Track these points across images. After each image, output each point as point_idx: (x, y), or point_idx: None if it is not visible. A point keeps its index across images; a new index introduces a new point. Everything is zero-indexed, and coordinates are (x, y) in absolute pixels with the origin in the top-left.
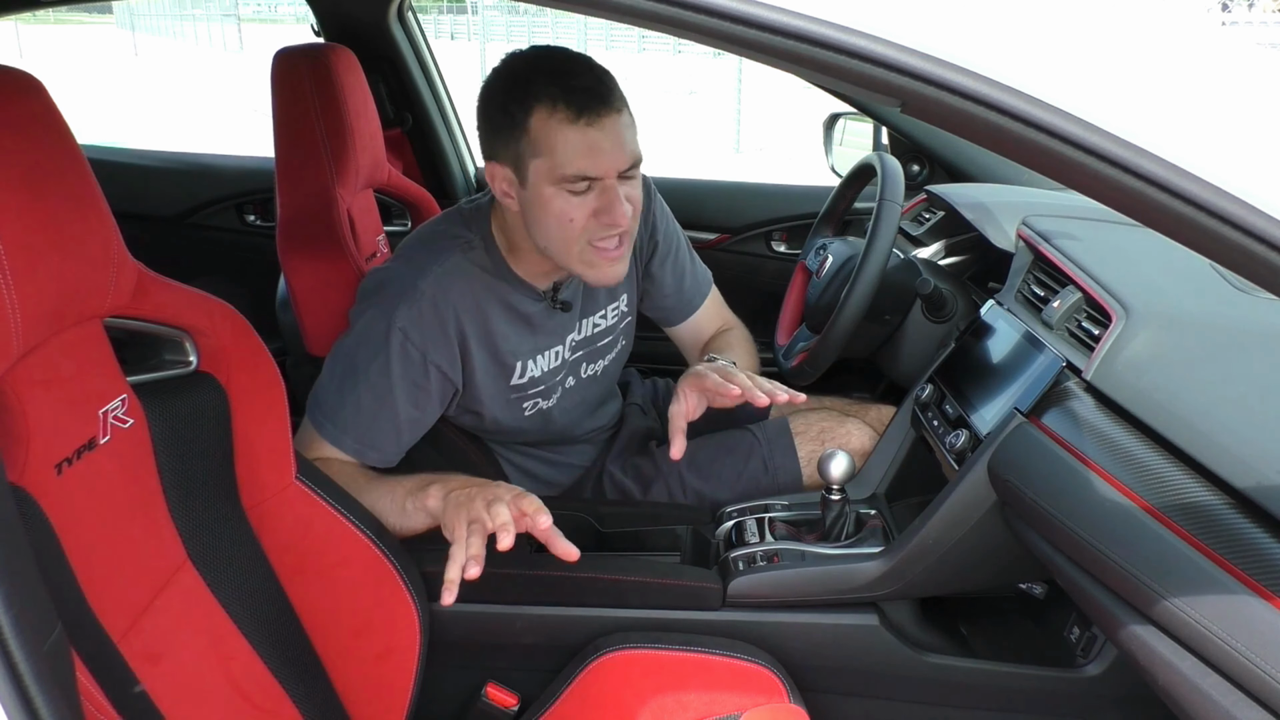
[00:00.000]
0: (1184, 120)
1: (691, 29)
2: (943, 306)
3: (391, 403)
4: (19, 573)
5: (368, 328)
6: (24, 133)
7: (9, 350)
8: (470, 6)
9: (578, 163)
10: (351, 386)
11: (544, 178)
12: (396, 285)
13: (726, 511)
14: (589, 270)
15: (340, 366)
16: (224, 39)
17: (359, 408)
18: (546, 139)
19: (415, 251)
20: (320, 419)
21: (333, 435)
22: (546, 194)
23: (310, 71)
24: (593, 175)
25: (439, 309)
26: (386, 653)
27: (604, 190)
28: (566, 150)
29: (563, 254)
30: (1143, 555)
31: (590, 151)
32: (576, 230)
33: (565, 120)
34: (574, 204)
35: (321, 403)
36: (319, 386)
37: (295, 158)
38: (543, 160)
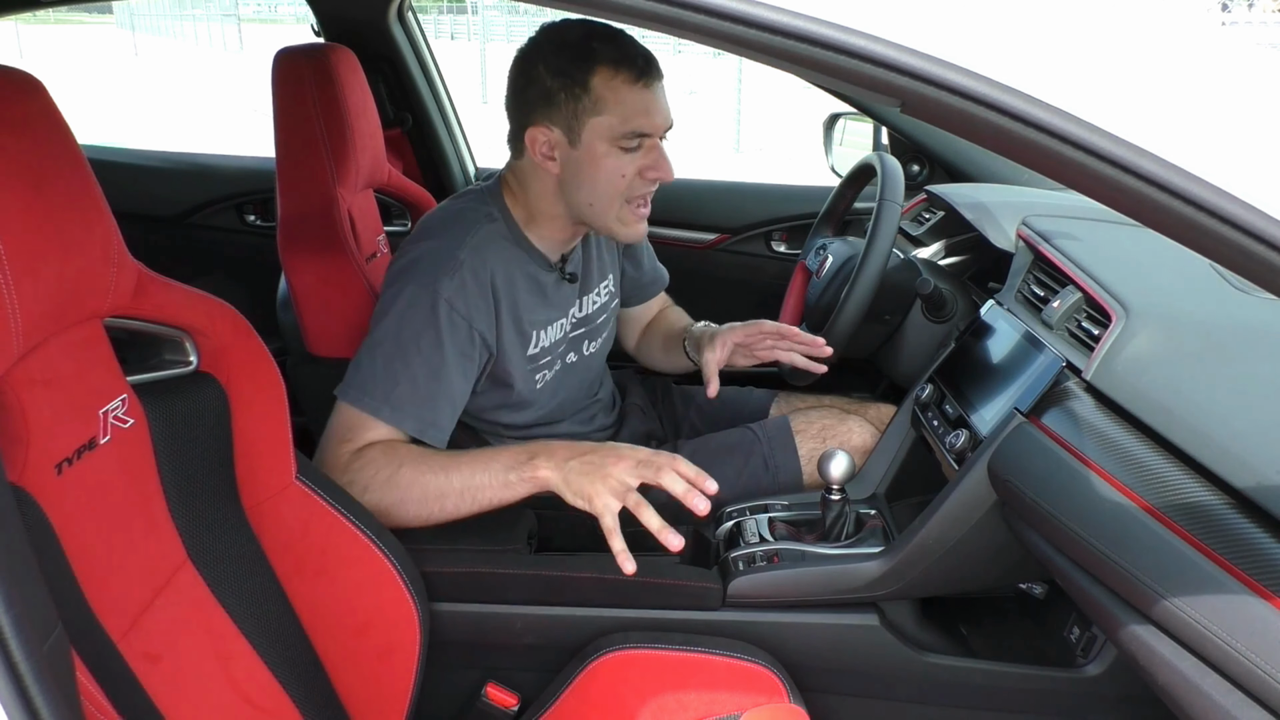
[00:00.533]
0: (1184, 120)
1: (691, 29)
2: (943, 306)
3: (447, 376)
4: (19, 573)
5: (412, 304)
6: (24, 133)
7: (9, 350)
8: (470, 6)
9: (638, 120)
10: (404, 364)
11: (601, 135)
12: (433, 259)
13: (726, 511)
14: (622, 228)
15: (386, 348)
16: (224, 39)
17: (415, 384)
18: (610, 97)
19: (443, 227)
20: (375, 403)
21: (391, 416)
22: (600, 150)
23: (310, 71)
24: (647, 132)
25: (479, 276)
26: (386, 653)
27: (651, 148)
28: (629, 108)
29: (604, 210)
30: (1143, 555)
31: (649, 111)
32: (623, 185)
33: (628, 80)
34: (625, 160)
35: (370, 386)
36: (362, 372)
37: (295, 158)
38: (604, 118)
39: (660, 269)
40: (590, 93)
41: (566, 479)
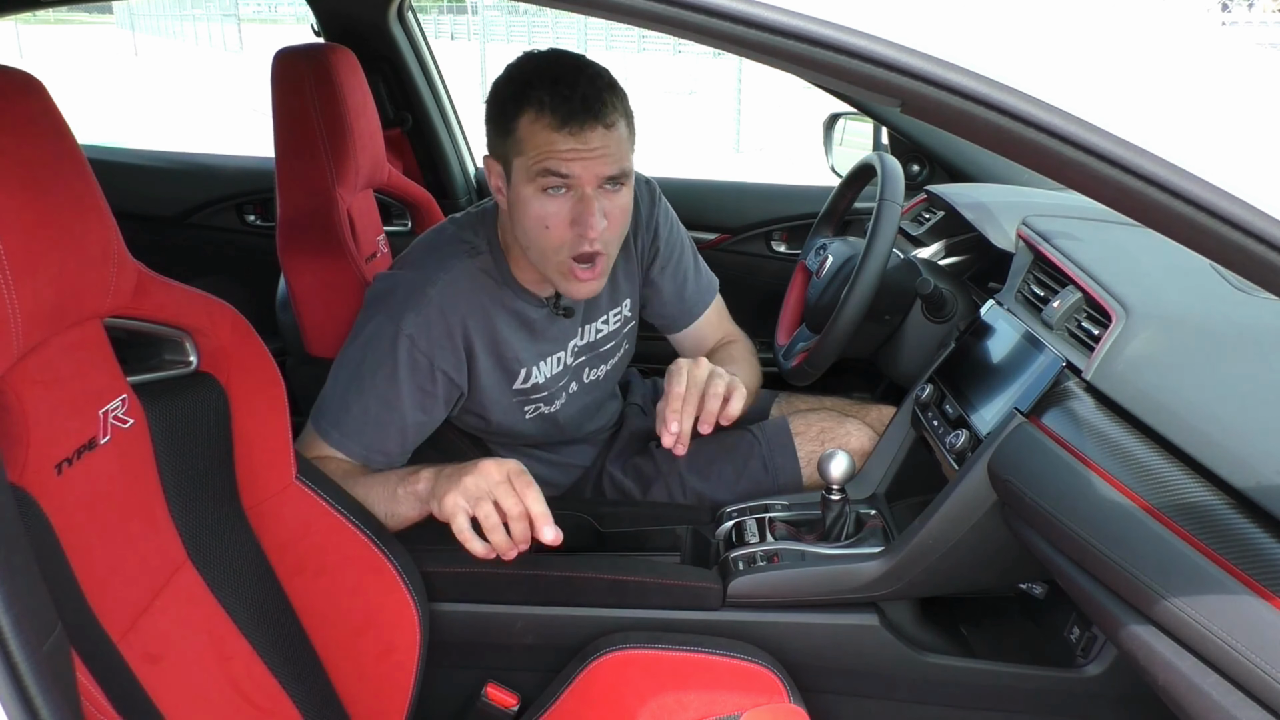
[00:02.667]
0: (1184, 120)
1: (691, 29)
2: (943, 306)
3: (399, 408)
4: (19, 573)
5: (375, 334)
6: (24, 133)
7: (9, 350)
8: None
9: (549, 160)
10: (358, 393)
11: (523, 175)
12: (403, 292)
13: (726, 511)
14: (563, 283)
15: (346, 373)
16: (224, 39)
17: (365, 414)
18: (529, 139)
19: (422, 258)
20: (325, 425)
21: (338, 441)
22: (525, 194)
23: (310, 71)
24: (563, 174)
25: (446, 316)
26: (386, 653)
27: (580, 198)
28: (542, 150)
29: (541, 262)
30: (1143, 555)
31: (567, 156)
32: (554, 240)
33: (548, 127)
34: (550, 209)
35: (326, 409)
36: (324, 393)
37: (295, 158)
38: (523, 158)
39: (697, 296)
40: (515, 133)
41: (434, 488)
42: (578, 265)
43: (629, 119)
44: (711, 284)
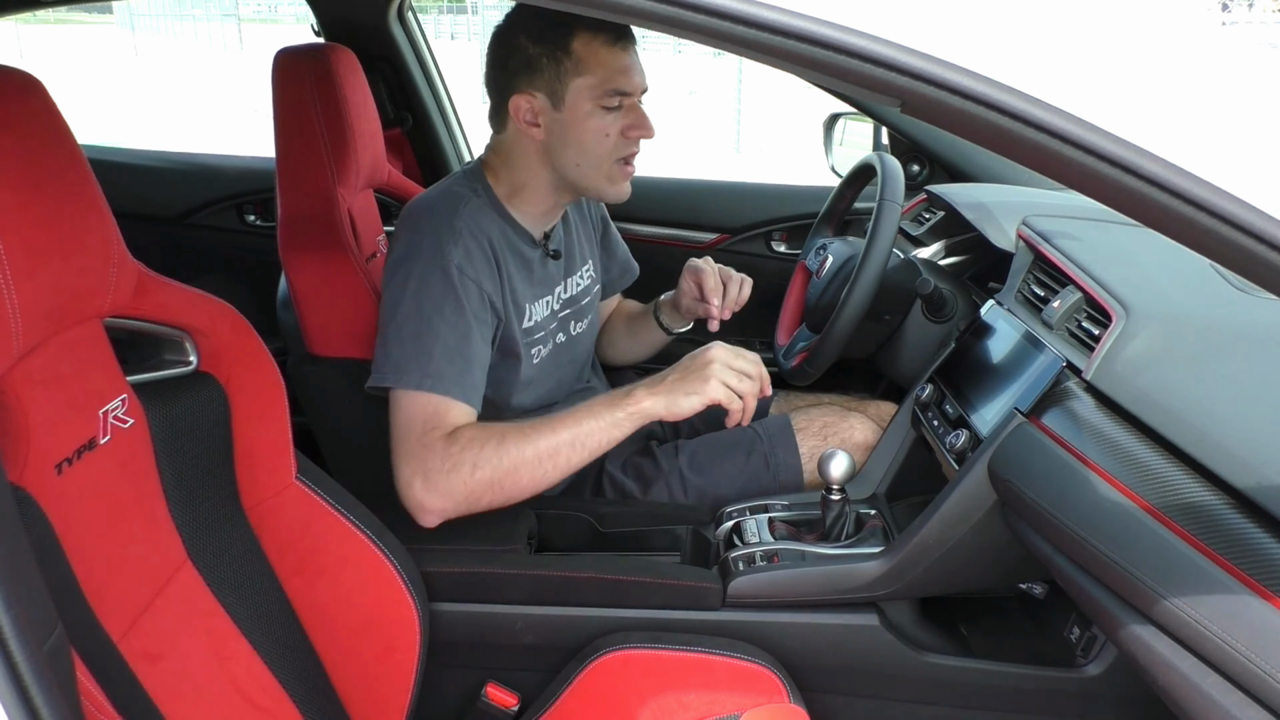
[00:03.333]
0: (1184, 120)
1: (691, 29)
2: (943, 306)
3: (472, 338)
4: (19, 573)
5: (424, 279)
6: (24, 133)
7: (9, 350)
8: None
9: (618, 79)
10: (433, 336)
11: (584, 95)
12: (431, 235)
13: (726, 511)
14: (610, 186)
15: (410, 324)
16: (224, 39)
17: (448, 352)
18: (591, 58)
19: (430, 208)
20: (417, 378)
21: (434, 386)
22: (584, 110)
23: (311, 71)
24: (627, 91)
25: (479, 240)
26: (386, 653)
27: (632, 107)
28: (609, 68)
29: (593, 170)
30: (1143, 555)
31: (627, 70)
32: (609, 145)
33: (606, 42)
34: (608, 120)
35: (408, 365)
36: (392, 356)
37: (296, 157)
38: (586, 79)
39: (632, 264)
40: (572, 55)
41: (670, 398)
42: (625, 166)
43: None
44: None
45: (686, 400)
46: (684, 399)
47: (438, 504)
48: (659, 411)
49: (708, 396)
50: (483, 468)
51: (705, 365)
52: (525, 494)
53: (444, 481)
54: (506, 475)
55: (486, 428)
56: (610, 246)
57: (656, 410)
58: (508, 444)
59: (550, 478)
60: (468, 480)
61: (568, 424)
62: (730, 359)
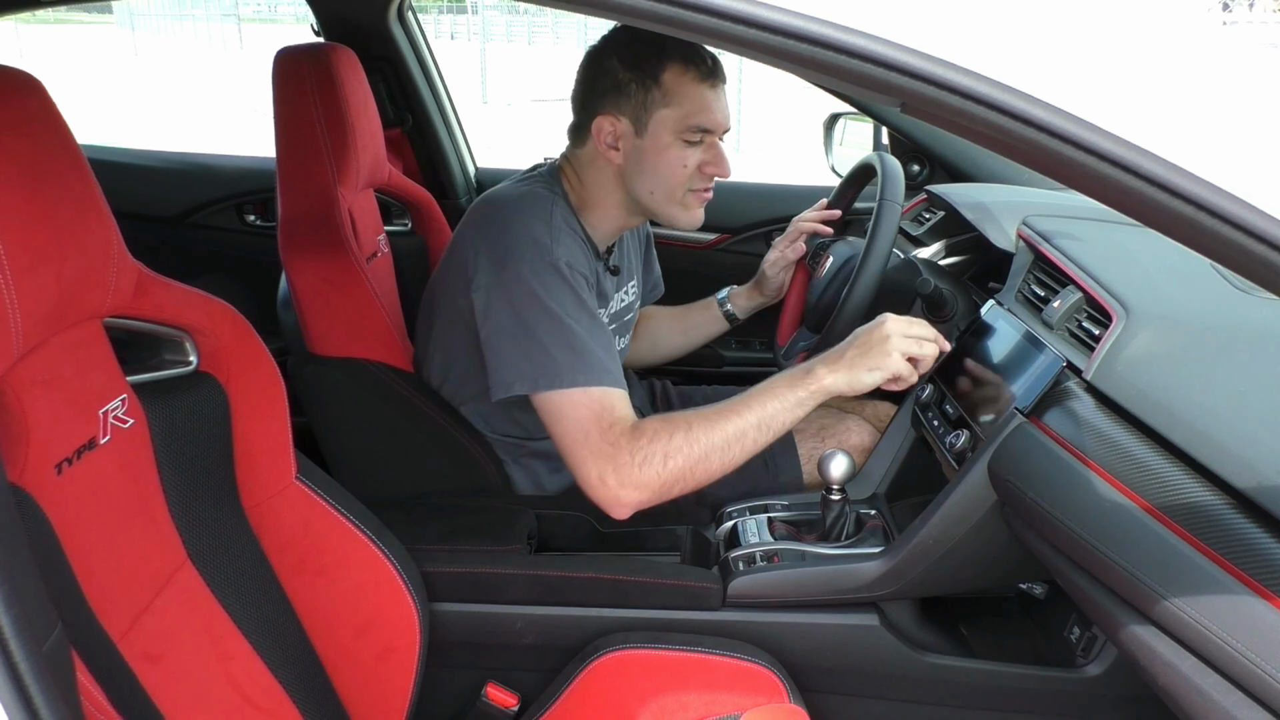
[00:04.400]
0: (1184, 120)
1: (691, 29)
2: (943, 306)
3: (602, 327)
4: (19, 573)
5: (536, 281)
6: (24, 133)
7: (9, 350)
8: (470, 6)
9: (703, 115)
10: (571, 334)
11: (668, 127)
12: (526, 236)
13: (726, 511)
14: (683, 213)
15: (542, 331)
16: (224, 39)
17: (591, 345)
18: (680, 91)
19: (516, 207)
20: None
21: (603, 378)
22: (665, 141)
23: (311, 71)
24: (709, 129)
25: (573, 233)
26: (386, 653)
27: (711, 145)
28: (695, 104)
29: (667, 197)
30: (1143, 555)
31: (713, 109)
32: (685, 176)
33: (697, 78)
34: (687, 153)
35: (554, 368)
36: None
37: (296, 157)
38: (671, 110)
39: (660, 281)
40: (661, 85)
41: (851, 374)
42: (698, 194)
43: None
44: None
45: (869, 375)
46: (866, 374)
47: (633, 497)
48: (841, 388)
49: (889, 370)
50: (674, 457)
51: (884, 340)
52: (714, 479)
53: (637, 474)
54: (698, 463)
55: (670, 419)
56: (650, 263)
57: (839, 387)
58: (695, 432)
59: (738, 461)
60: (660, 471)
61: (752, 407)
62: (906, 328)
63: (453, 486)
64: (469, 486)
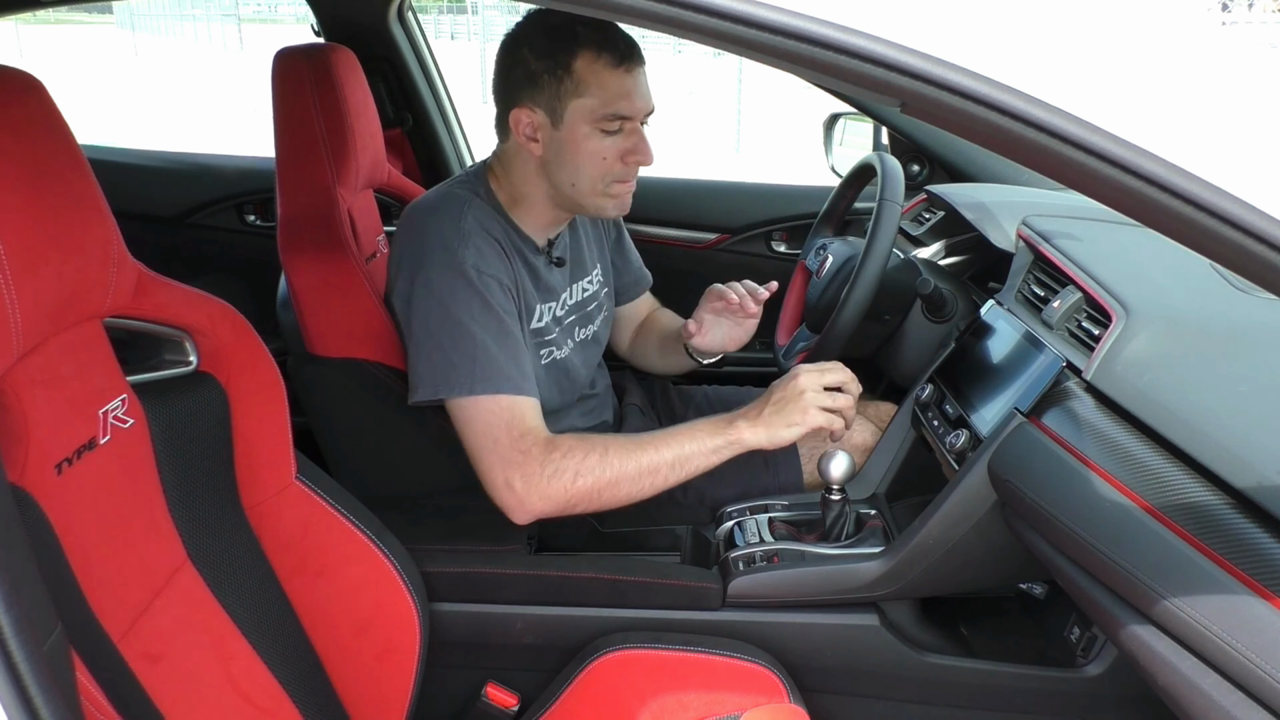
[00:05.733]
0: (1184, 120)
1: (691, 29)
2: (943, 306)
3: (509, 331)
4: (19, 573)
5: (445, 284)
6: (24, 133)
7: (9, 350)
8: (470, 6)
9: (618, 103)
10: (473, 341)
11: (583, 117)
12: (438, 240)
13: (726, 511)
14: (608, 203)
15: (446, 332)
16: (224, 39)
17: (490, 351)
18: (592, 80)
19: (432, 210)
20: (479, 385)
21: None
22: (581, 132)
23: (310, 71)
24: (628, 115)
25: (488, 237)
26: (386, 653)
27: (632, 131)
28: (609, 93)
29: (589, 190)
30: (1143, 555)
31: (629, 94)
32: (605, 168)
33: (610, 64)
34: (606, 143)
35: (459, 375)
36: (436, 367)
37: (295, 158)
38: (585, 100)
39: (645, 271)
40: (573, 75)
41: (770, 431)
42: (621, 184)
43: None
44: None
45: (787, 431)
46: (784, 430)
47: (537, 506)
48: (760, 443)
49: (807, 425)
50: (585, 477)
51: (799, 395)
52: (621, 504)
53: (544, 486)
54: (606, 487)
55: (589, 439)
56: (624, 253)
57: (758, 442)
58: (611, 457)
59: (646, 493)
60: (568, 487)
61: (671, 444)
62: (818, 381)
63: (453, 486)
64: (469, 486)
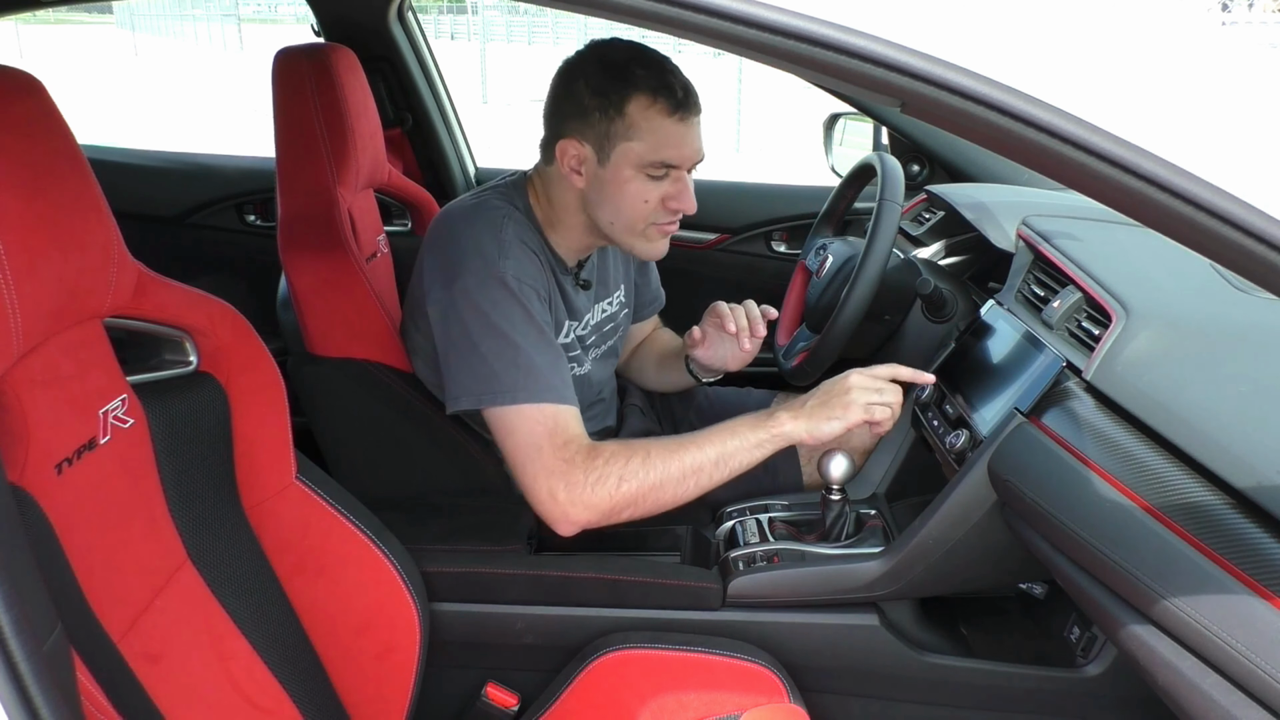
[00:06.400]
0: (1184, 120)
1: (691, 29)
2: (943, 306)
3: (548, 339)
4: (19, 573)
5: (482, 295)
6: (24, 133)
7: (9, 350)
8: (470, 6)
9: (666, 151)
10: (516, 349)
11: (629, 160)
12: (476, 250)
13: (726, 511)
14: (646, 245)
15: (488, 345)
16: (224, 39)
17: (539, 361)
18: (644, 124)
19: (469, 220)
20: (526, 394)
21: (548, 394)
22: (626, 175)
23: (310, 71)
24: (675, 164)
25: (527, 247)
26: (386, 653)
27: (678, 179)
28: (659, 139)
29: (627, 229)
30: (1143, 555)
31: (680, 144)
32: (648, 210)
33: (663, 112)
34: (650, 187)
35: (505, 384)
36: (482, 377)
37: (296, 158)
38: (634, 144)
39: (661, 292)
40: (625, 117)
41: (812, 423)
42: (661, 227)
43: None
44: (660, 288)
45: (829, 425)
46: (826, 424)
47: (582, 516)
48: (800, 435)
49: (849, 420)
50: (629, 481)
51: (846, 392)
52: (665, 509)
53: (589, 495)
54: (651, 490)
55: (630, 444)
56: (646, 273)
57: (798, 434)
58: (653, 459)
59: (691, 494)
60: (613, 494)
61: (713, 442)
62: (869, 381)
63: (453, 486)
64: (469, 486)
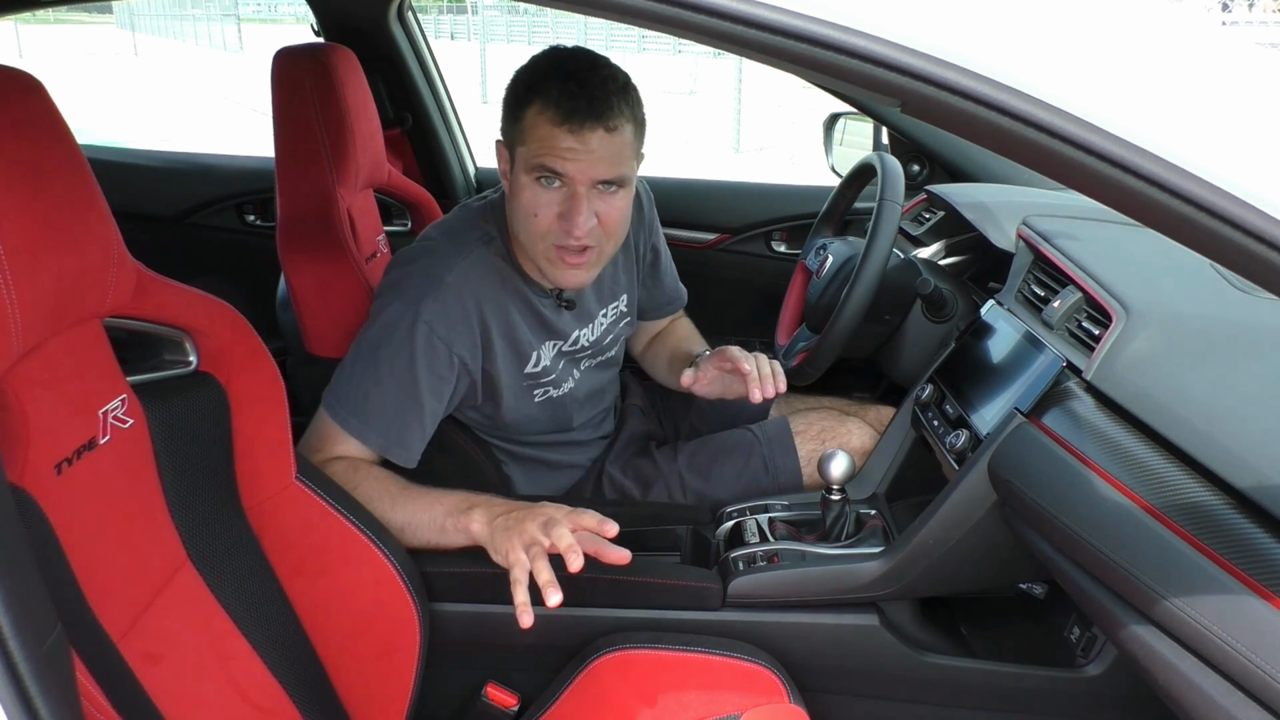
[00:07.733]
0: (1184, 120)
1: (691, 29)
2: (943, 306)
3: (417, 395)
4: (19, 573)
5: (392, 321)
6: (24, 133)
7: (9, 350)
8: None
9: (549, 157)
10: (375, 381)
11: (522, 164)
12: (420, 278)
13: (726, 511)
14: (550, 269)
15: (363, 360)
16: (224, 39)
17: (384, 402)
18: (532, 130)
19: (438, 244)
20: (343, 414)
21: (357, 429)
22: (521, 181)
23: (310, 71)
24: (557, 171)
25: (463, 300)
26: (386, 653)
27: (572, 195)
28: (543, 144)
29: (530, 245)
30: (1143, 555)
31: (564, 154)
32: (541, 227)
33: (550, 121)
34: (541, 198)
35: (343, 397)
36: (340, 380)
37: (295, 158)
38: (524, 147)
39: (680, 290)
40: (522, 120)
41: (492, 536)
42: (565, 253)
43: (638, 125)
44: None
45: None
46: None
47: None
48: (481, 540)
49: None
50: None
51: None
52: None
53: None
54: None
55: (354, 470)
56: (659, 275)
57: (480, 539)
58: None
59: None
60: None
61: (410, 506)
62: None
63: (453, 487)
64: (469, 487)
